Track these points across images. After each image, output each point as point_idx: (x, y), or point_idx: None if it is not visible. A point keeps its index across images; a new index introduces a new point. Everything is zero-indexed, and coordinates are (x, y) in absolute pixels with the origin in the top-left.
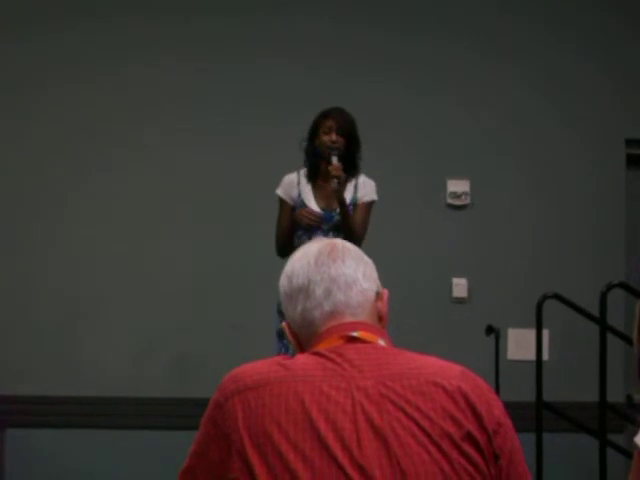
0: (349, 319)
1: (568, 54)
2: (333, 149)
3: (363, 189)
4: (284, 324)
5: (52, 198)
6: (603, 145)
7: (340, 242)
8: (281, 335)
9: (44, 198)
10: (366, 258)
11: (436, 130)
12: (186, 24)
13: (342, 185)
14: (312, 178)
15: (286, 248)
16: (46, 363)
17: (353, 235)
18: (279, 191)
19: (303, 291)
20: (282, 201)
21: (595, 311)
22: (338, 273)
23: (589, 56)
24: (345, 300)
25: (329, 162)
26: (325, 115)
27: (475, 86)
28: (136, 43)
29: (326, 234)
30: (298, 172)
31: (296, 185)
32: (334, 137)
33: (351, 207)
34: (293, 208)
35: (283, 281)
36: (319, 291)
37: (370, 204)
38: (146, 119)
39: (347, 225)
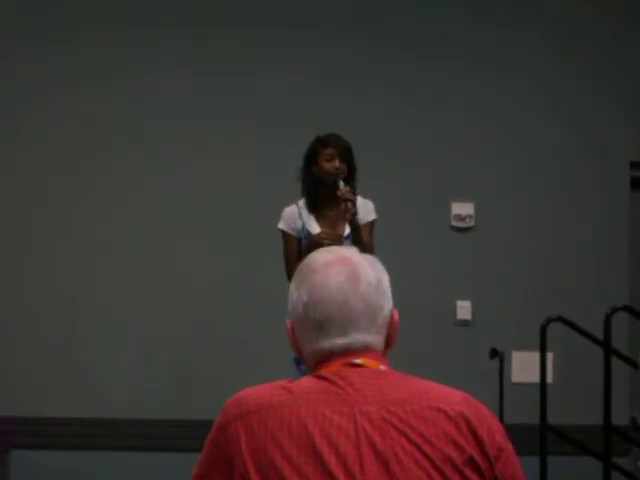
0: (358, 351)
1: (572, 75)
2: (339, 175)
3: (363, 210)
4: (288, 327)
5: (52, 210)
6: (607, 168)
7: (358, 265)
8: (299, 362)
9: (43, 210)
10: (382, 273)
11: (440, 153)
12: (188, 35)
13: (356, 207)
14: (313, 206)
15: None
16: (49, 385)
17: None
18: (281, 225)
19: (319, 325)
20: (286, 235)
21: (599, 334)
22: (357, 313)
23: (594, 78)
24: (362, 340)
25: (335, 188)
26: (324, 143)
27: (479, 109)
28: (136, 52)
29: None
30: (297, 204)
31: (298, 217)
32: (337, 164)
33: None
34: (298, 240)
35: (297, 304)
36: (335, 332)
37: (373, 223)
38: (146, 129)
39: (360, 247)
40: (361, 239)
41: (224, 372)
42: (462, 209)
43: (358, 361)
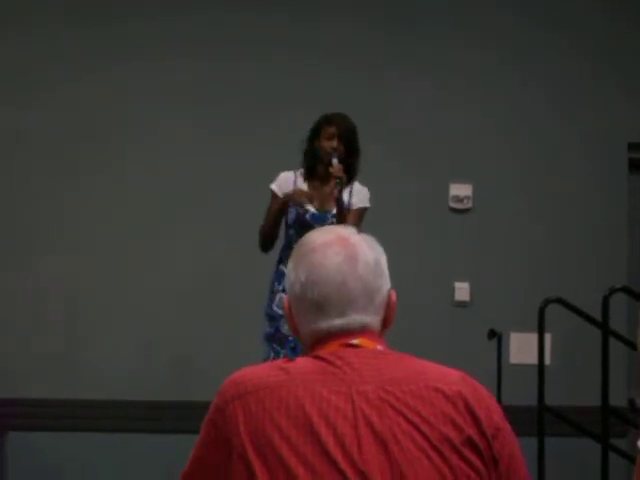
0: (355, 331)
1: (570, 58)
2: (337, 154)
3: (357, 195)
4: (284, 298)
5: (52, 205)
6: (605, 149)
7: (357, 244)
8: (270, 339)
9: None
10: (380, 252)
11: (438, 134)
12: (190, 23)
13: (342, 186)
14: (309, 178)
15: (269, 241)
16: (48, 366)
17: None
18: (273, 185)
19: (316, 307)
20: (275, 195)
21: (597, 315)
22: (356, 294)
23: (592, 60)
24: (360, 320)
25: (329, 165)
26: (329, 121)
27: (477, 91)
28: (138, 42)
29: None
30: (295, 171)
31: (292, 183)
32: (335, 144)
33: (345, 212)
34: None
35: (295, 284)
36: (334, 313)
37: (363, 210)
38: (147, 122)
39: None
40: (344, 221)
41: (222, 354)
42: (460, 190)
43: (355, 341)
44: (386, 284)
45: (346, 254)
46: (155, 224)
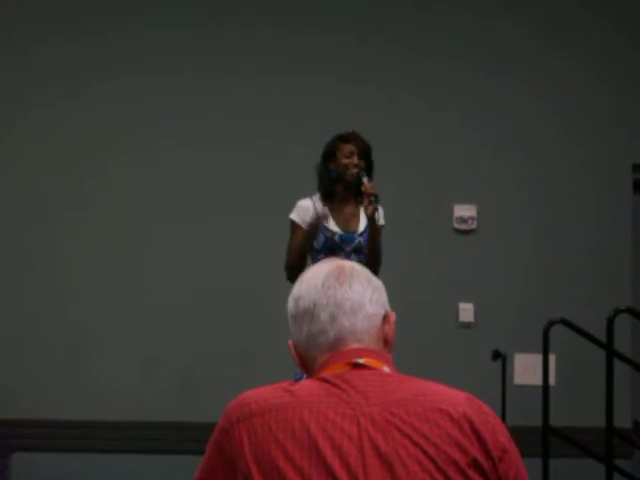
0: (354, 345)
1: (576, 78)
2: (361, 169)
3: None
4: (289, 343)
5: (51, 212)
6: (610, 170)
7: (349, 265)
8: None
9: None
10: (375, 281)
11: (442, 155)
12: (193, 32)
13: (378, 203)
14: (328, 202)
15: (297, 272)
16: (51, 388)
17: (378, 256)
18: (293, 215)
19: (308, 314)
20: (296, 225)
21: (602, 336)
22: (344, 298)
23: (597, 80)
24: (350, 326)
25: (355, 185)
26: (345, 139)
27: (482, 111)
28: (138, 51)
29: (348, 256)
30: (311, 198)
31: (312, 211)
32: (356, 160)
33: (365, 233)
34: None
35: (290, 302)
36: (324, 316)
37: (382, 228)
38: (151, 128)
39: (375, 246)
40: (378, 236)
41: (226, 374)
42: (464, 211)
43: (361, 361)
44: (379, 312)
45: (337, 266)
46: (156, 241)
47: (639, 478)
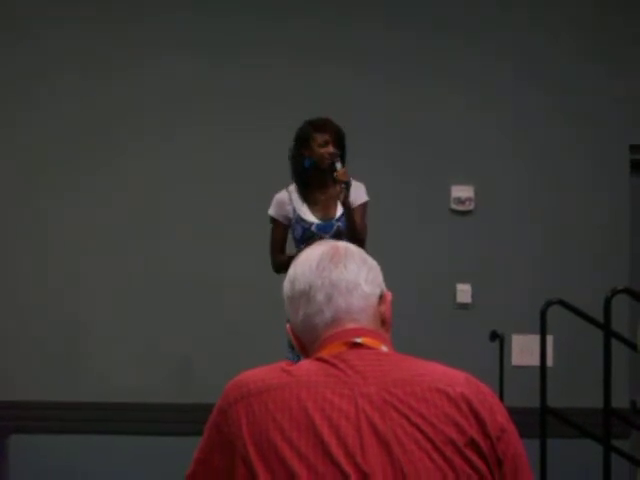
0: (351, 325)
1: (572, 59)
2: (335, 157)
3: (355, 193)
4: (287, 327)
5: (48, 206)
6: (607, 151)
7: (343, 245)
8: (294, 346)
9: (40, 207)
10: (370, 261)
11: (440, 136)
12: (189, 26)
13: (349, 189)
14: (304, 191)
15: (281, 266)
16: (49, 369)
17: (358, 239)
18: (271, 211)
19: (304, 296)
20: (275, 221)
21: (599, 317)
22: (339, 278)
23: (593, 61)
24: (346, 306)
25: (332, 170)
26: (318, 128)
27: (478, 92)
28: (137, 45)
29: None
30: (287, 189)
31: (288, 202)
32: (331, 149)
33: (343, 217)
34: (286, 226)
35: (286, 285)
36: (320, 297)
37: (365, 205)
38: (146, 125)
39: (353, 230)
40: (353, 221)
41: (225, 355)
42: (462, 192)
43: (359, 340)
44: (375, 291)
45: (331, 247)
46: (156, 231)
47: (637, 458)
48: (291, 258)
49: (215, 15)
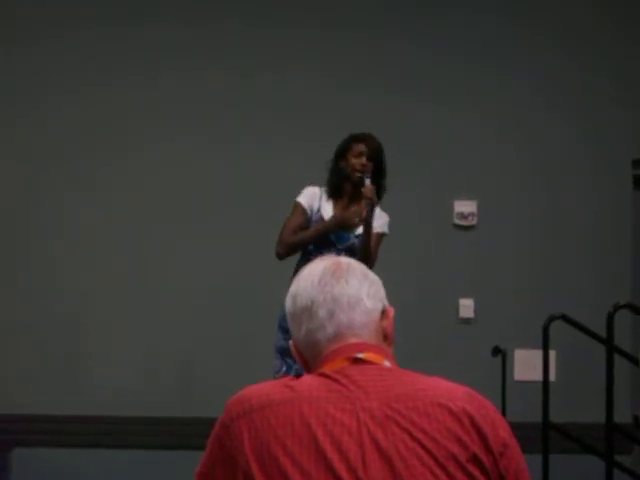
0: (353, 340)
1: (574, 73)
2: (366, 172)
3: (378, 220)
4: (290, 343)
5: (52, 213)
6: (610, 166)
7: (345, 260)
8: (283, 352)
9: (44, 214)
10: (372, 276)
11: (443, 151)
12: (192, 30)
13: (373, 208)
14: (333, 196)
15: (289, 247)
16: (53, 383)
17: (368, 259)
18: (301, 198)
19: (306, 312)
20: (300, 207)
21: (602, 332)
22: (341, 293)
23: (595, 76)
24: (348, 322)
25: (359, 184)
26: (357, 139)
27: (483, 108)
28: (139, 49)
29: (339, 253)
30: (320, 188)
31: (318, 199)
32: (364, 161)
33: (372, 235)
34: (307, 219)
35: (288, 301)
36: (322, 312)
37: (382, 236)
38: (146, 126)
39: (366, 248)
40: (368, 241)
41: (226, 370)
42: (465, 207)
43: (361, 355)
44: (377, 307)
45: (334, 262)
46: (157, 241)
47: (639, 474)
48: (301, 242)
49: (213, 20)
